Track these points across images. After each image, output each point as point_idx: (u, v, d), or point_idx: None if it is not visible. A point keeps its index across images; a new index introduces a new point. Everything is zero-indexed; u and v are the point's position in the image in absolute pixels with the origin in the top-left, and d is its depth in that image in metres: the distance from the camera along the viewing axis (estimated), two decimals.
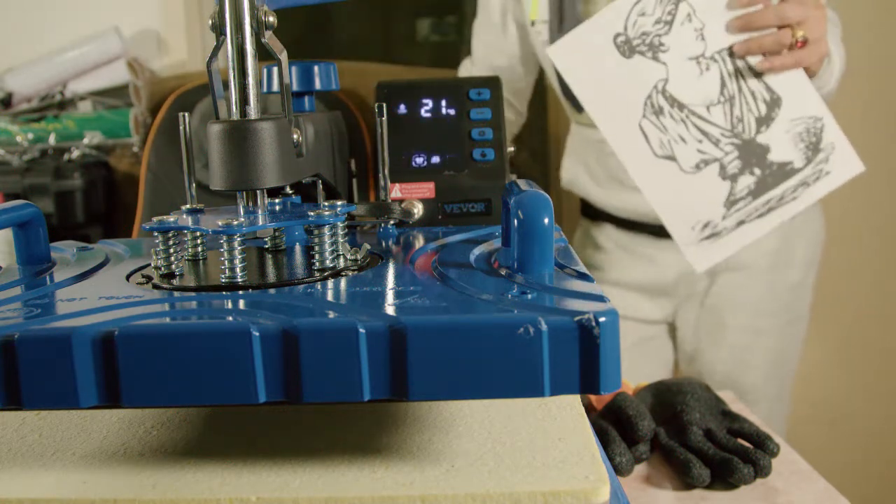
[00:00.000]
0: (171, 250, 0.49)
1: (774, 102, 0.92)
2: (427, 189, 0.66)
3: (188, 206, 0.54)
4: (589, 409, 0.73)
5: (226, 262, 0.46)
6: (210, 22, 0.49)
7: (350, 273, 0.47)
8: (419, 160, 0.67)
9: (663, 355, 1.23)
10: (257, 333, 0.35)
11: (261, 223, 0.47)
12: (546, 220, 0.43)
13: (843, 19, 1.06)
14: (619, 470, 0.65)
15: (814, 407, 1.77)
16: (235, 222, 0.45)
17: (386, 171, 0.61)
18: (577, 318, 0.35)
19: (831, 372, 1.79)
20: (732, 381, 1.16)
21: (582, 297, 0.38)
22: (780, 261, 1.14)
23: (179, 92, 1.43)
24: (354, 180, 0.69)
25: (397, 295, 0.41)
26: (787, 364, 1.19)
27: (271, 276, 0.48)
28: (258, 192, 0.50)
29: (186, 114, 0.56)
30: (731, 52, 0.90)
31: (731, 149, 0.92)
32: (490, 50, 1.19)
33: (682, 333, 1.20)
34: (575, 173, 1.20)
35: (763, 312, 1.15)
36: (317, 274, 0.47)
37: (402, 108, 0.68)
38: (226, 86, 0.50)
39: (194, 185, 0.57)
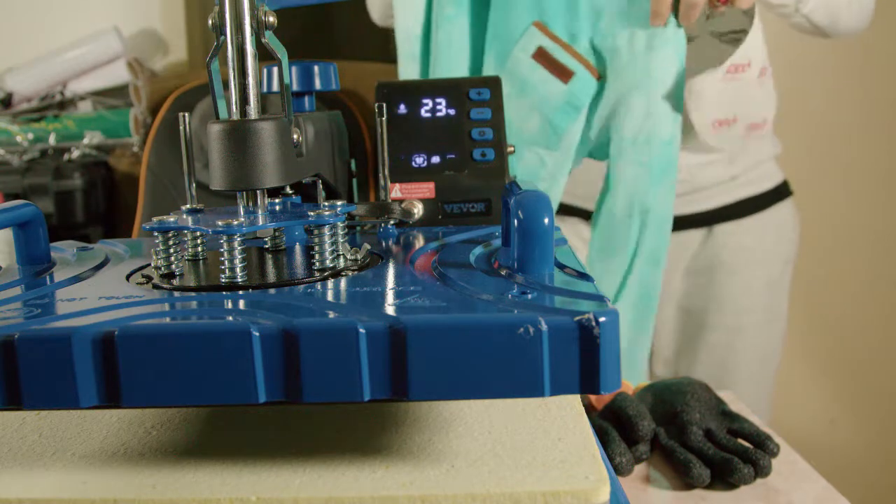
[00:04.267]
0: (171, 250, 0.49)
1: None
2: (427, 189, 0.66)
3: (188, 206, 0.54)
4: (589, 409, 0.73)
5: (226, 262, 0.46)
6: (210, 22, 0.49)
7: (350, 273, 0.47)
8: (419, 160, 0.67)
9: None
10: (257, 333, 0.35)
11: (261, 223, 0.47)
12: (546, 220, 0.43)
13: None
14: (619, 470, 0.65)
15: (814, 407, 1.77)
16: (235, 222, 0.45)
17: (386, 171, 0.61)
18: (577, 318, 0.35)
19: (831, 371, 1.79)
20: (713, 383, 1.15)
21: (582, 297, 0.38)
22: (755, 258, 1.14)
23: (179, 92, 1.43)
24: (354, 180, 0.69)
25: (397, 295, 0.41)
26: (769, 365, 1.18)
27: (271, 276, 0.48)
28: (258, 192, 0.50)
29: (186, 114, 0.56)
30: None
31: None
32: None
33: (660, 336, 1.19)
34: None
35: (742, 310, 1.14)
36: (317, 274, 0.47)
37: (402, 108, 0.68)
38: (226, 86, 0.50)
39: (194, 185, 0.57)
